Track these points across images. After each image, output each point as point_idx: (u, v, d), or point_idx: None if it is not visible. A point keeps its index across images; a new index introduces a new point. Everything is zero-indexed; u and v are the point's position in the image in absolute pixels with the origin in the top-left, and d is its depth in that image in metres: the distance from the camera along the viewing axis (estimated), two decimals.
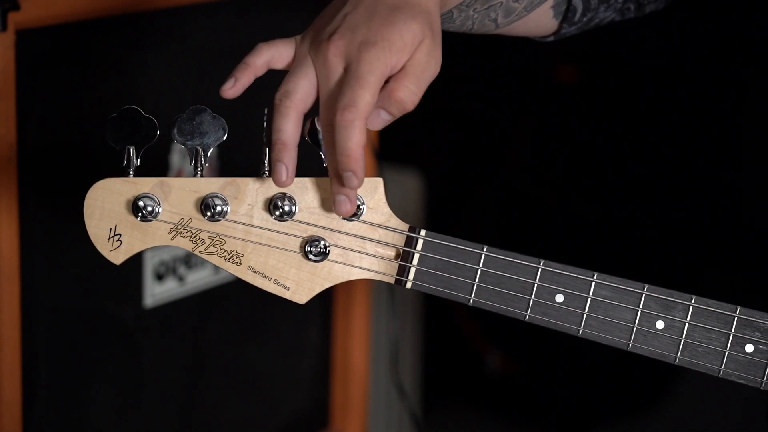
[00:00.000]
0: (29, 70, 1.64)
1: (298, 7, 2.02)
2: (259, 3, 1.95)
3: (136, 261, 1.84)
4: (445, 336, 3.08)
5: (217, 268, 1.95)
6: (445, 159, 3.21)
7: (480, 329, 3.10)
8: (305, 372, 2.17)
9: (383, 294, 2.36)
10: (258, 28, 1.95)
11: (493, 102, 3.17)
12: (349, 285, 2.15)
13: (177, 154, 1.87)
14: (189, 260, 1.92)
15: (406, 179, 2.65)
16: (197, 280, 1.94)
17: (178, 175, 1.87)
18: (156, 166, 1.79)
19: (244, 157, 1.58)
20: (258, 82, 1.97)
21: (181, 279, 1.91)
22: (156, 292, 1.88)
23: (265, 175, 1.19)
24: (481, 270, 1.22)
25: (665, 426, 2.77)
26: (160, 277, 1.88)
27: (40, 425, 1.75)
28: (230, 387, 2.03)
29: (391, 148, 2.40)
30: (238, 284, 2.01)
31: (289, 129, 1.15)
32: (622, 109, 3.03)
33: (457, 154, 3.22)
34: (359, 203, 1.20)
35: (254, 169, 1.23)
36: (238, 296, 2.01)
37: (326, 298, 2.17)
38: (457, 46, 3.28)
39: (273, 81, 2.01)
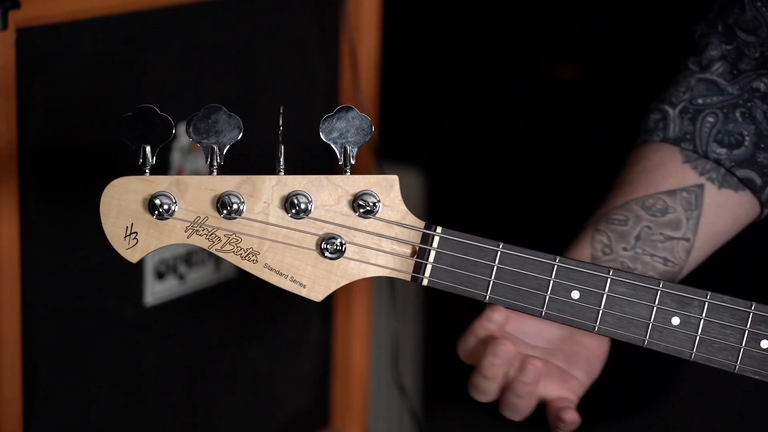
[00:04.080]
0: (30, 68, 1.63)
1: (298, 6, 2.01)
2: (259, 2, 1.95)
3: None
4: (445, 334, 3.07)
5: (217, 267, 1.95)
6: (445, 157, 3.21)
7: None
8: (305, 371, 2.17)
9: (384, 292, 2.36)
10: (258, 27, 1.95)
11: (493, 100, 3.17)
12: (349, 284, 2.15)
13: (177, 153, 1.87)
14: (189, 258, 1.92)
15: (406, 177, 2.65)
16: (198, 278, 1.94)
17: (179, 173, 1.87)
18: (157, 165, 1.79)
19: (246, 154, 1.58)
20: (262, 81, 1.98)
21: (181, 277, 1.91)
22: (156, 291, 1.87)
23: (280, 173, 1.19)
24: (497, 267, 1.21)
25: (665, 426, 2.76)
26: (160, 275, 1.88)
27: (41, 423, 1.75)
28: (230, 387, 2.03)
29: (392, 147, 2.39)
30: (239, 283, 2.01)
31: None
32: (623, 107, 3.03)
33: (458, 152, 3.22)
34: (375, 200, 1.19)
35: (259, 165, 1.23)
36: (239, 295, 2.01)
37: (327, 297, 2.16)
38: (458, 44, 3.29)
39: (277, 80, 2.02)
